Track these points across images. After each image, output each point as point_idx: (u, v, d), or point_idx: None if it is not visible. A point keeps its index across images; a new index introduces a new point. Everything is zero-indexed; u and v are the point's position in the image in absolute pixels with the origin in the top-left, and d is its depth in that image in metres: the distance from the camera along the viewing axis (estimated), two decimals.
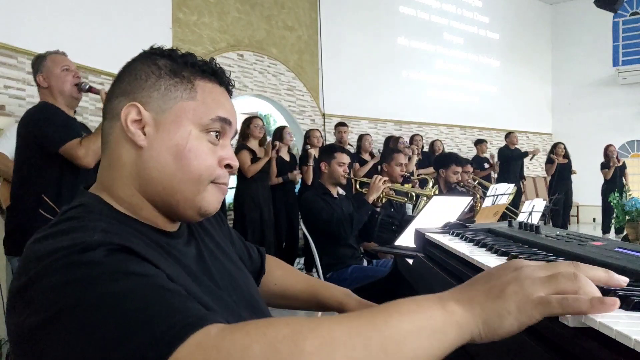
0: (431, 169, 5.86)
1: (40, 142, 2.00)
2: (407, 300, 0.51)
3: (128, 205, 0.70)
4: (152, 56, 0.73)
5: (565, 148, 7.67)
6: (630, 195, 3.17)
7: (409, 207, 3.42)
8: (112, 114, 0.71)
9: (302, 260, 5.26)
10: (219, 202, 0.74)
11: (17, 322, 0.54)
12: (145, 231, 0.68)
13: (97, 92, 2.24)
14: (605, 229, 7.56)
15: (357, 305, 0.97)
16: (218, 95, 0.74)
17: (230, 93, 0.79)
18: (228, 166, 0.74)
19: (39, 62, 2.13)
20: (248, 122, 4.56)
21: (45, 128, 1.99)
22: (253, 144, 4.52)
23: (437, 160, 4.58)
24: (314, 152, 5.04)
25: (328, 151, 3.03)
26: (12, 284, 0.57)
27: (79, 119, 2.37)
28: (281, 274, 1.05)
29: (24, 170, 2.06)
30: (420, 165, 6.43)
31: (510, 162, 7.30)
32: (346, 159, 2.94)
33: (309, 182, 4.96)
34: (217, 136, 0.73)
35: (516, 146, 7.51)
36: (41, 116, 2.03)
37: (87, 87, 2.17)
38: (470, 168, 4.76)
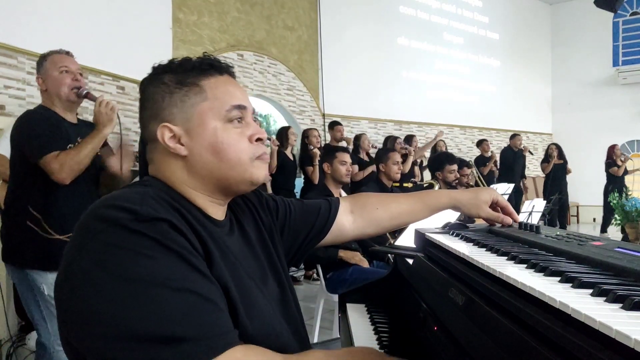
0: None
1: (23, 151, 1.83)
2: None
3: (183, 192, 0.80)
4: (156, 76, 0.82)
5: (557, 148, 7.68)
6: (630, 195, 3.17)
7: None
8: (150, 138, 0.82)
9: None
10: (266, 170, 0.85)
11: (65, 260, 0.66)
12: (195, 212, 0.77)
13: (93, 99, 1.99)
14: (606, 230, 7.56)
15: (466, 197, 1.12)
16: (224, 85, 0.82)
17: (233, 76, 0.86)
18: (259, 140, 0.83)
19: (39, 63, 1.97)
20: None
21: (27, 136, 1.81)
22: None
23: (431, 165, 4.56)
24: (318, 151, 5.01)
25: (329, 152, 3.06)
26: (76, 227, 0.68)
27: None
28: (376, 199, 1.16)
29: (13, 179, 1.91)
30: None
31: (512, 163, 7.30)
32: (347, 157, 2.97)
33: (316, 182, 4.94)
34: (239, 121, 0.81)
35: (519, 148, 7.52)
36: (27, 123, 1.84)
37: (85, 92, 1.97)
38: (467, 170, 4.74)
